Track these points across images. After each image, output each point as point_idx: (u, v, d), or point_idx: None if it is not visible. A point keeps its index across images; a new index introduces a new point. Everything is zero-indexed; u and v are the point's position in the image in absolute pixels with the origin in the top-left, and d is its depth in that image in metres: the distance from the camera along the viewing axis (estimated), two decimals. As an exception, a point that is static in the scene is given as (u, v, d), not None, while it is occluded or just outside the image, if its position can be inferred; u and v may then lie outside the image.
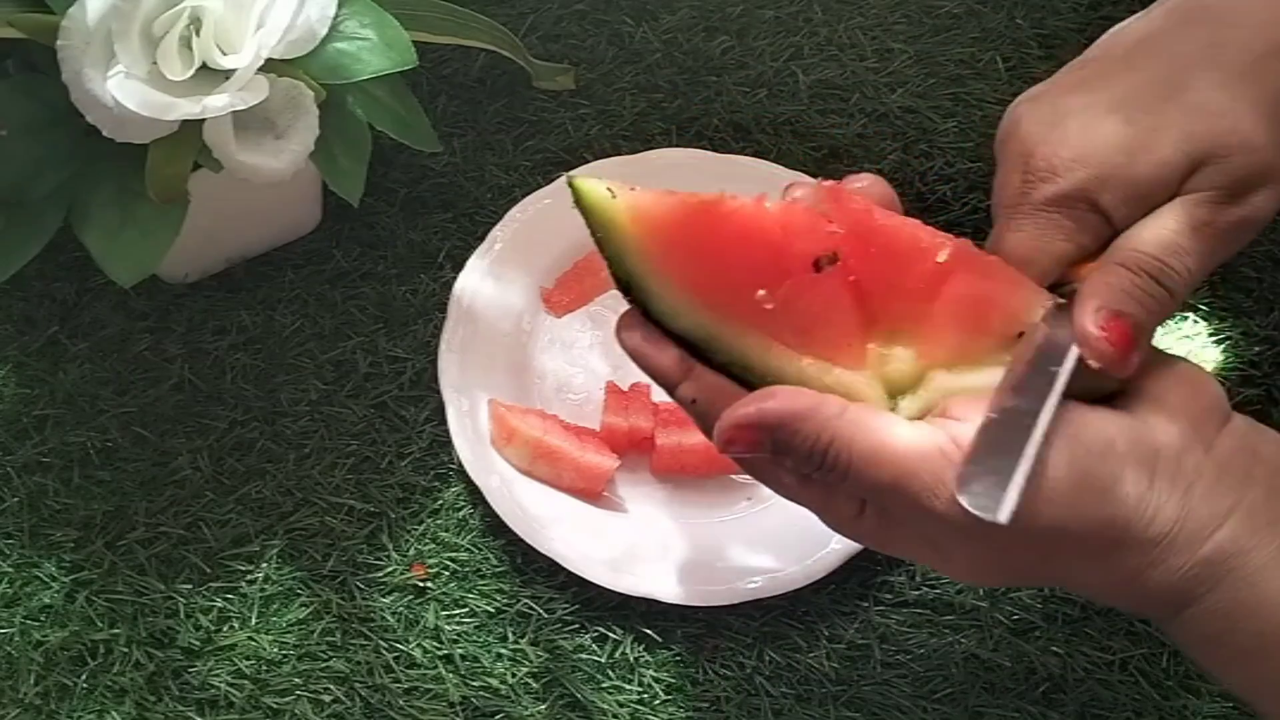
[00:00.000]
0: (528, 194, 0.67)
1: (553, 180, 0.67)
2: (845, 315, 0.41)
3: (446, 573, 0.59)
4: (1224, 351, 0.64)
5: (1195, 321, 0.65)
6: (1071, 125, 0.42)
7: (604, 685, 0.56)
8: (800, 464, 0.40)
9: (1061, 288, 0.42)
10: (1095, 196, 0.41)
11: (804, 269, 0.40)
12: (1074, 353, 0.40)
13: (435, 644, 0.57)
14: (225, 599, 0.58)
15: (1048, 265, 0.42)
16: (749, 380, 0.41)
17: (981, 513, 0.37)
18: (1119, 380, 0.40)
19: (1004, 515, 0.37)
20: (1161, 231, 0.41)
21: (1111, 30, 0.45)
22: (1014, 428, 0.38)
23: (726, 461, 0.60)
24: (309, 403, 0.63)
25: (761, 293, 0.40)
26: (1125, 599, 0.40)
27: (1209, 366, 0.63)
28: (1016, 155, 0.43)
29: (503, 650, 0.57)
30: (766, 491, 0.60)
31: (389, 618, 0.58)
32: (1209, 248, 0.41)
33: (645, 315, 0.41)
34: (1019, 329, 0.41)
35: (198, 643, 0.57)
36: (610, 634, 0.58)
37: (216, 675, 0.57)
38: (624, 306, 0.41)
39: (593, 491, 0.60)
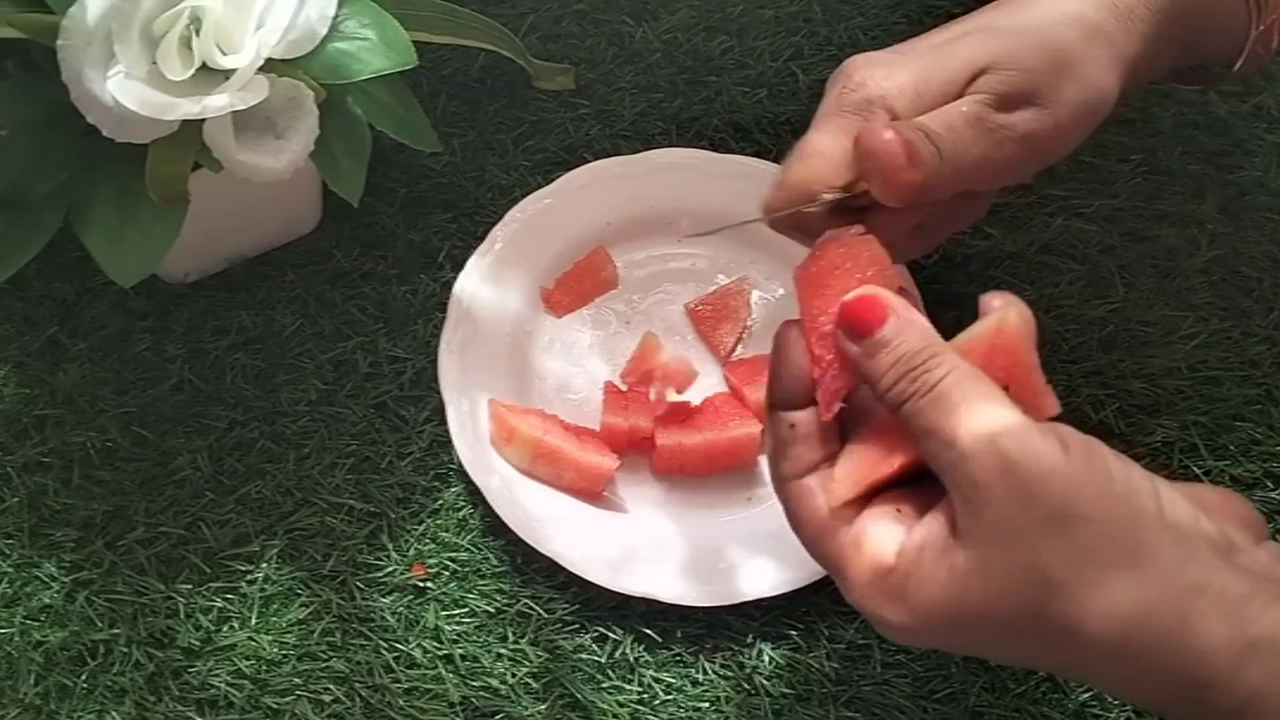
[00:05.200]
0: (528, 194, 0.67)
1: (553, 180, 0.67)
2: None
3: (446, 573, 0.59)
4: (1224, 351, 0.64)
5: (1195, 321, 0.65)
6: (888, 55, 0.49)
7: (604, 685, 0.56)
8: (886, 362, 0.41)
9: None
10: (892, 103, 0.47)
11: None
12: None
13: (435, 644, 0.57)
14: (225, 599, 0.58)
15: (839, 159, 0.47)
16: None
17: None
18: None
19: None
20: (940, 113, 0.47)
21: None
22: None
23: (726, 461, 0.61)
24: (309, 403, 0.63)
25: None
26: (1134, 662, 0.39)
27: (1209, 366, 0.63)
28: (839, 77, 0.49)
29: (503, 650, 0.57)
30: (767, 491, 0.61)
31: (389, 618, 0.58)
32: (976, 140, 0.47)
33: None
34: None
35: (198, 643, 0.57)
36: (610, 634, 0.58)
37: (216, 675, 0.57)
38: (622, 307, 0.41)
39: (593, 491, 0.60)
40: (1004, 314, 0.42)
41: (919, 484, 0.41)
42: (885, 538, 0.41)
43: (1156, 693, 0.39)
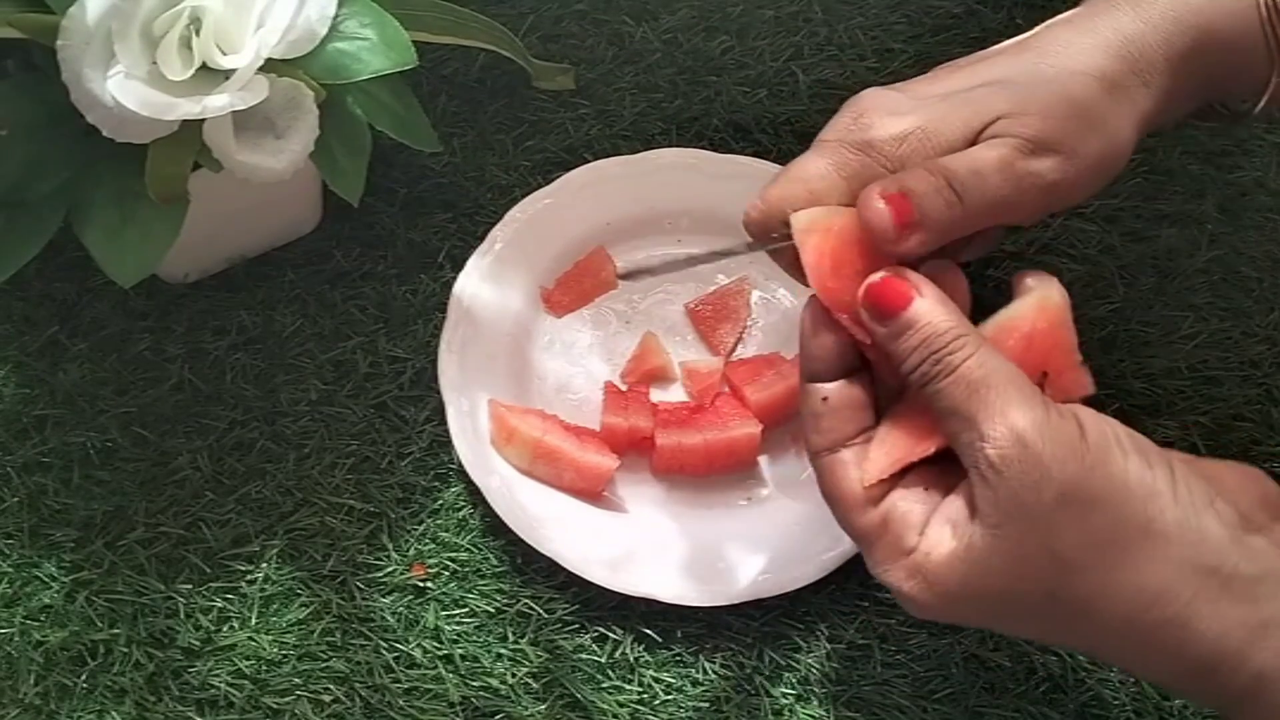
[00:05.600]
0: (528, 194, 0.67)
1: (553, 180, 0.67)
2: None
3: (446, 573, 0.59)
4: (1224, 351, 0.64)
5: (1195, 321, 0.65)
6: (901, 101, 0.47)
7: (604, 685, 0.56)
8: (910, 344, 0.41)
9: None
10: (890, 150, 0.46)
11: None
12: None
13: (435, 644, 0.57)
14: (225, 599, 0.58)
15: (824, 189, 0.46)
16: None
17: None
18: None
19: None
20: (968, 156, 0.45)
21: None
22: None
23: (726, 461, 0.61)
24: (309, 403, 0.63)
25: None
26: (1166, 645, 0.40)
27: (1209, 366, 0.63)
28: (851, 107, 0.48)
29: (503, 650, 0.57)
30: (767, 492, 0.61)
31: (389, 618, 0.58)
32: (1000, 186, 0.45)
33: None
34: None
35: (198, 643, 0.57)
36: (610, 634, 0.58)
37: (216, 675, 0.57)
38: (622, 307, 0.41)
39: (593, 491, 0.60)
40: (1045, 293, 0.43)
41: (948, 461, 0.42)
42: (911, 516, 0.42)
43: (1167, 671, 0.40)
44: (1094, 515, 0.39)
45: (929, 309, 0.42)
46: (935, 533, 0.41)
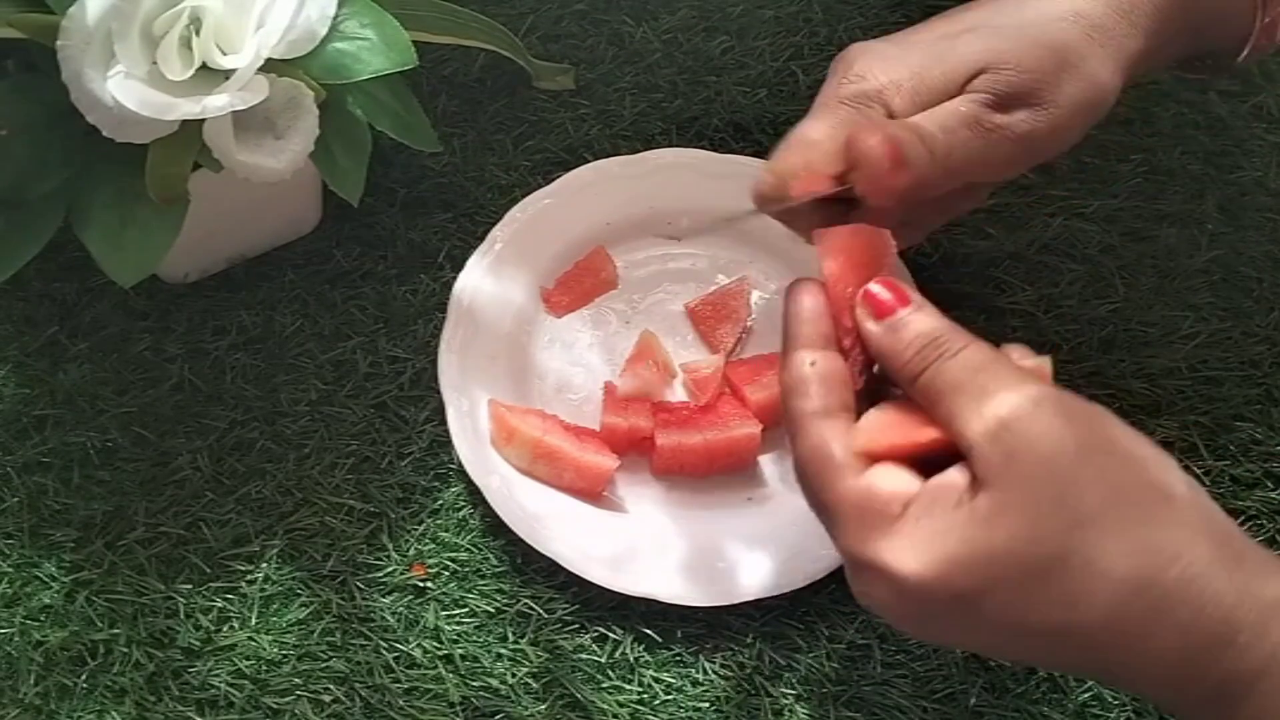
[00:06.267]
0: (528, 194, 0.67)
1: (553, 180, 0.67)
2: None
3: (446, 573, 0.59)
4: (1224, 351, 0.64)
5: (1195, 321, 0.65)
6: (889, 48, 0.50)
7: (604, 685, 0.56)
8: (908, 336, 0.43)
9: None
10: (889, 98, 0.48)
11: None
12: None
13: (435, 644, 0.57)
14: (225, 599, 0.58)
15: (831, 150, 0.47)
16: None
17: None
18: None
19: None
20: (937, 113, 0.48)
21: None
22: None
23: (726, 461, 0.61)
24: (309, 403, 0.63)
25: None
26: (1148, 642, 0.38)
27: (1209, 366, 0.63)
28: (841, 64, 0.50)
29: (503, 650, 0.57)
30: (767, 491, 0.61)
31: (389, 618, 0.58)
32: (970, 140, 0.47)
33: None
34: None
35: (198, 643, 0.57)
36: (610, 634, 0.58)
37: (216, 675, 0.57)
38: (622, 306, 0.41)
39: (593, 491, 0.60)
40: (1038, 359, 0.44)
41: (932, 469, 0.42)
42: (899, 488, 0.40)
43: (1172, 650, 0.38)
44: (1116, 470, 0.39)
45: (927, 311, 0.43)
46: (928, 499, 0.39)
